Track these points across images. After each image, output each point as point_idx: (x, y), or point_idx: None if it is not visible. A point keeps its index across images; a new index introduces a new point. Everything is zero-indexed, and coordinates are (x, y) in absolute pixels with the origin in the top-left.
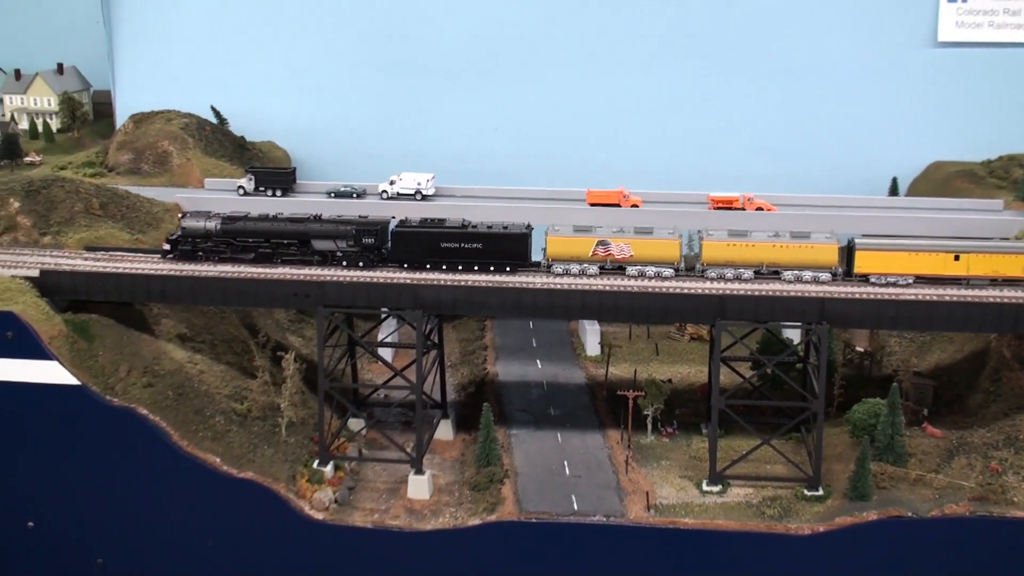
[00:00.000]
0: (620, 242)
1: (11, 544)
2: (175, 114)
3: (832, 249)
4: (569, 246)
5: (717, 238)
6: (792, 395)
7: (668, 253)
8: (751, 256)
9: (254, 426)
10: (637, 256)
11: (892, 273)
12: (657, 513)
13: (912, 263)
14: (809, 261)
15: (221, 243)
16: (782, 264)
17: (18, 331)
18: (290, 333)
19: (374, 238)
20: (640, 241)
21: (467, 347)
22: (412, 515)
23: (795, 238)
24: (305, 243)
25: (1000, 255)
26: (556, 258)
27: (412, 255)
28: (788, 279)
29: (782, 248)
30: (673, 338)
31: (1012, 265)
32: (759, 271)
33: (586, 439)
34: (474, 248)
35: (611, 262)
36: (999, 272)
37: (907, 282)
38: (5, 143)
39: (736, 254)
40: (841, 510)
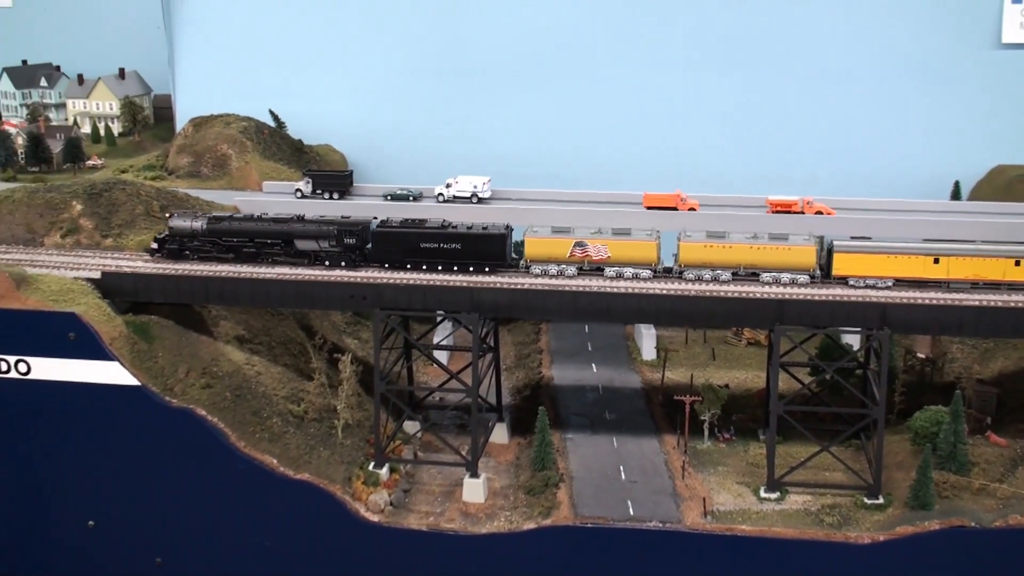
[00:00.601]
0: (597, 243)
1: (72, 543)
2: (234, 118)
3: (810, 251)
4: (547, 247)
5: (695, 239)
6: (851, 401)
7: (645, 255)
8: (729, 257)
9: (310, 428)
10: (614, 257)
11: (871, 276)
12: (714, 520)
13: (891, 266)
14: (787, 263)
15: (207, 242)
16: (760, 266)
17: (80, 332)
18: (346, 335)
19: (355, 238)
20: (617, 242)
21: (522, 350)
22: (467, 518)
23: (773, 240)
24: (288, 243)
25: (980, 258)
26: (534, 259)
27: (393, 255)
28: (767, 280)
29: (760, 250)
30: (730, 343)
31: (992, 268)
32: (737, 273)
33: (642, 444)
34: (453, 248)
35: (589, 263)
36: (979, 275)
37: (886, 285)
38: (68, 147)
39: (714, 255)
40: (902, 519)
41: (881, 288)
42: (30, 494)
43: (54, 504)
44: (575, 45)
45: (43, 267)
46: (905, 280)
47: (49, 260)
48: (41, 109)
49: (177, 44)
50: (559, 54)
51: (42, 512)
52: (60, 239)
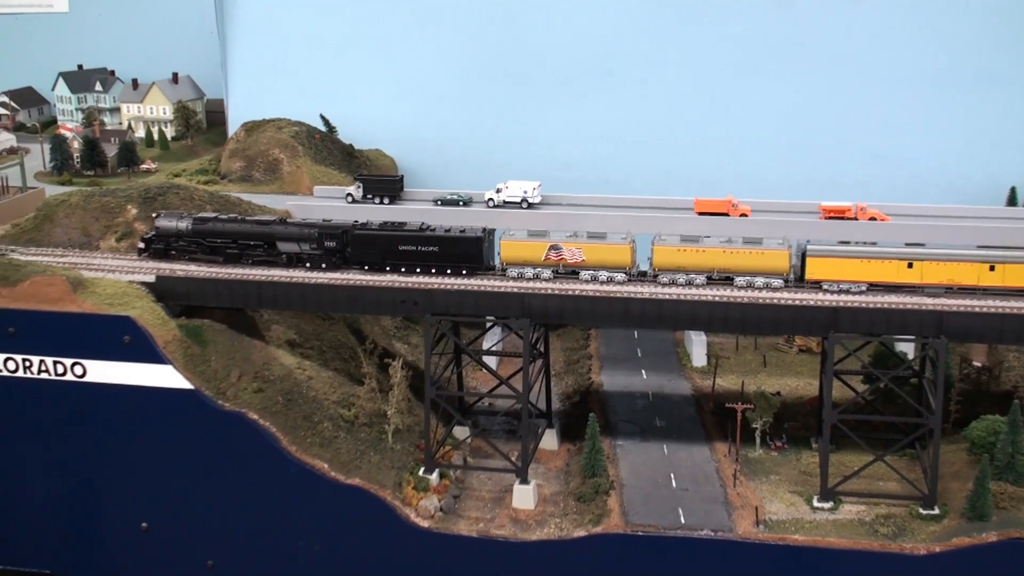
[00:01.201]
0: (572, 247)
1: (126, 544)
2: (286, 122)
3: (783, 255)
4: (522, 250)
5: (669, 243)
6: (906, 410)
7: (620, 258)
8: (702, 262)
9: (361, 432)
10: (589, 261)
11: (845, 280)
12: (767, 529)
13: (865, 270)
14: (760, 267)
15: (192, 243)
16: (733, 270)
17: (135, 335)
18: (396, 340)
19: (336, 241)
20: (592, 246)
21: (572, 356)
22: (517, 525)
23: (747, 244)
24: (271, 245)
25: (953, 263)
26: (510, 262)
27: (371, 257)
28: (740, 285)
29: (733, 254)
30: (781, 350)
31: (966, 273)
32: (711, 277)
33: (692, 451)
34: (430, 251)
35: (563, 266)
36: (953, 280)
37: (860, 289)
38: (122, 151)
39: (687, 259)
40: (958, 530)
41: (855, 293)
42: (84, 496)
43: (108, 506)
44: (626, 49)
45: (99, 271)
46: (879, 284)
47: (105, 264)
48: (96, 113)
49: (230, 49)
50: (610, 58)
51: (96, 514)
52: (115, 243)
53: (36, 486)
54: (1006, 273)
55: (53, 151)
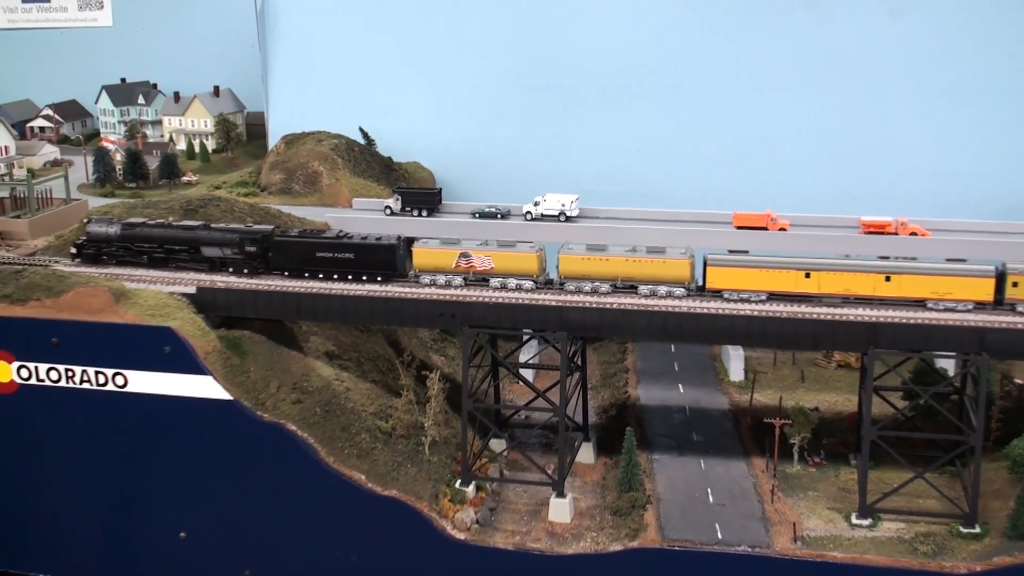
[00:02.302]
0: (481, 254)
1: (164, 554)
2: (325, 135)
3: (684, 264)
4: (434, 258)
5: (575, 252)
6: (946, 427)
7: (527, 266)
8: (606, 270)
9: (398, 444)
10: (498, 268)
11: (745, 289)
12: (804, 545)
13: (764, 280)
14: (663, 276)
15: (121, 247)
16: (637, 278)
17: (175, 346)
18: (433, 352)
19: (256, 246)
20: (501, 254)
21: (608, 370)
22: (553, 538)
23: (650, 253)
24: (195, 249)
25: (850, 273)
26: (422, 269)
27: (290, 263)
28: (644, 293)
29: (636, 263)
30: (819, 365)
31: (862, 283)
32: (615, 285)
33: (730, 466)
34: (346, 258)
35: (473, 274)
36: (850, 290)
37: (760, 299)
38: (164, 163)
39: (592, 268)
40: (1000, 549)
41: (755, 302)
42: (124, 505)
43: (147, 515)
44: (665, 63)
45: (141, 282)
46: (778, 294)
47: (146, 275)
48: (139, 126)
49: (271, 62)
50: (649, 72)
51: (136, 522)
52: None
53: (76, 495)
54: (901, 284)
55: (96, 163)
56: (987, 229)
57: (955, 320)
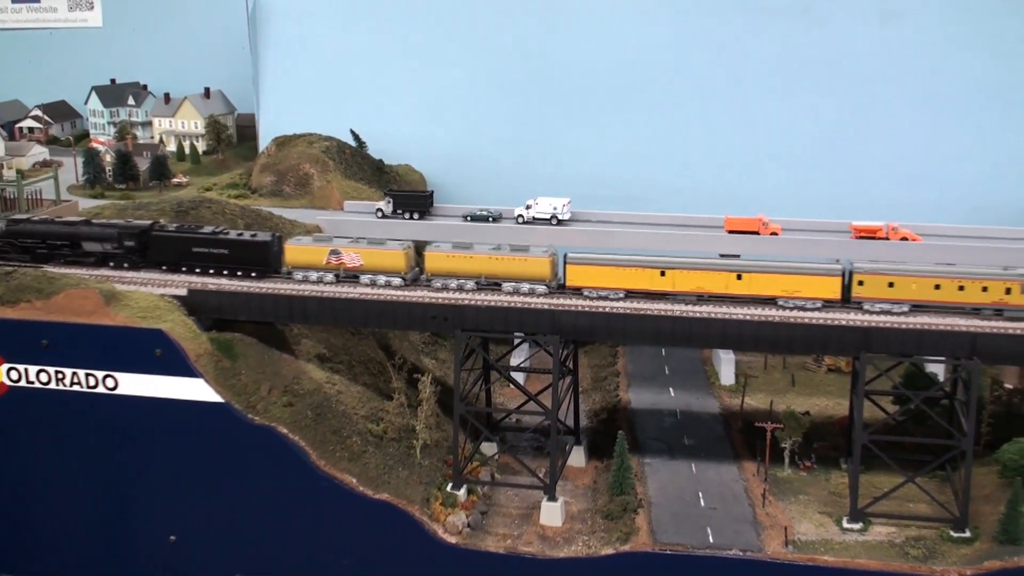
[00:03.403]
0: (351, 252)
1: (154, 557)
2: (316, 137)
3: (545, 263)
4: (305, 255)
5: (440, 250)
6: (936, 431)
7: (395, 263)
8: (471, 267)
9: (389, 447)
10: (367, 265)
11: (603, 287)
12: (796, 549)
13: (621, 278)
14: (525, 274)
15: (5, 243)
16: (500, 276)
17: (167, 348)
18: (424, 355)
19: (135, 241)
20: (370, 251)
21: (599, 373)
22: (545, 542)
23: (514, 251)
24: (77, 245)
25: (703, 271)
26: (295, 266)
27: (168, 258)
28: (508, 291)
29: (500, 260)
30: (810, 369)
31: (715, 281)
32: (479, 282)
33: (721, 470)
34: (222, 254)
35: (344, 270)
36: (703, 288)
37: (619, 296)
38: (154, 165)
39: (457, 265)
40: (990, 553)
41: (615, 299)
42: (115, 508)
43: (137, 518)
44: (657, 67)
45: (132, 284)
46: (636, 292)
47: (137, 277)
48: (129, 127)
49: (262, 64)
50: (641, 76)
51: (125, 525)
52: None
53: (66, 498)
54: (752, 282)
55: (86, 164)
56: (978, 234)
57: (947, 325)
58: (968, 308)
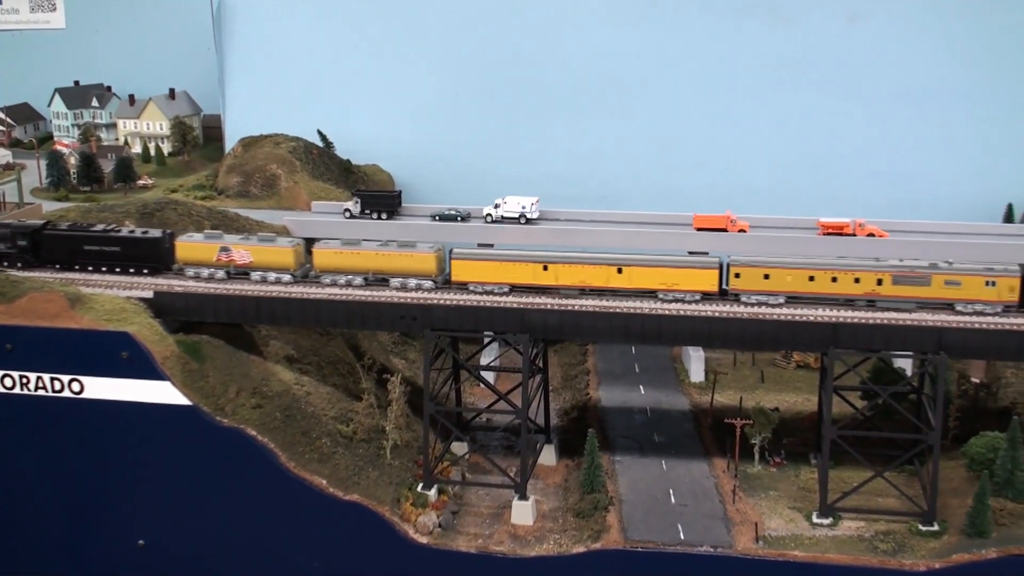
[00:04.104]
0: (241, 249)
1: (122, 562)
2: (283, 138)
3: (430, 258)
4: (196, 251)
5: (330, 246)
6: (904, 426)
7: (284, 260)
8: (358, 263)
9: (359, 448)
10: (256, 262)
11: (488, 282)
12: (766, 545)
13: (505, 272)
14: (410, 269)
15: None
16: (388, 271)
17: (133, 351)
18: (394, 355)
19: (27, 240)
20: (259, 248)
21: (569, 372)
22: (516, 541)
23: (401, 247)
24: None
25: (584, 265)
26: (186, 262)
27: (60, 256)
28: (395, 286)
29: (385, 256)
30: (779, 365)
31: (596, 275)
32: (367, 278)
33: (691, 467)
34: (114, 251)
35: (234, 267)
36: (585, 282)
37: (504, 291)
38: (119, 166)
39: (345, 261)
40: (958, 547)
41: (497, 294)
42: (82, 513)
43: (105, 523)
44: (625, 66)
45: (97, 286)
46: (520, 286)
47: (102, 280)
48: (93, 129)
49: (227, 65)
50: (609, 75)
51: (94, 530)
52: None
53: (33, 503)
54: (632, 275)
55: (50, 167)
56: (943, 230)
57: (914, 320)
58: (842, 299)
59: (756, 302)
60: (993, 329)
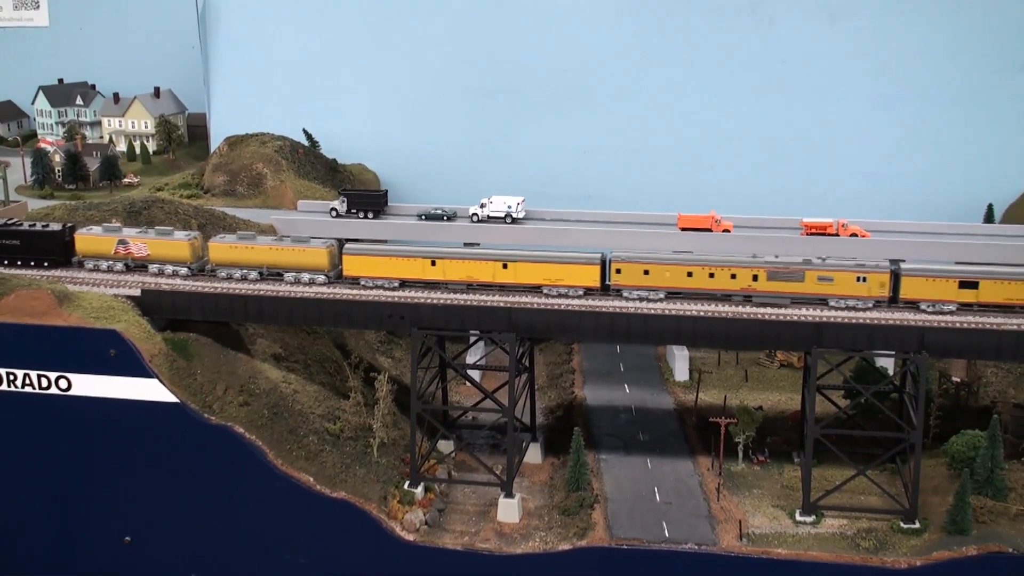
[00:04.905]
0: (139, 242)
1: (108, 559)
2: (269, 137)
3: (323, 253)
4: (95, 244)
5: (225, 241)
6: (887, 425)
7: (181, 253)
8: (253, 258)
9: (346, 446)
10: (154, 255)
11: (378, 277)
12: (750, 542)
13: (395, 267)
14: (304, 264)
15: None
16: (281, 266)
17: (121, 349)
18: (380, 354)
19: None
20: (157, 242)
21: (555, 370)
22: (502, 538)
23: (295, 242)
24: None
25: (471, 261)
26: (85, 254)
27: None
28: (290, 280)
29: (279, 251)
30: (762, 364)
31: (482, 270)
32: (262, 273)
33: (676, 465)
34: (13, 244)
35: (132, 260)
36: (472, 277)
37: (393, 285)
38: (104, 165)
39: (239, 256)
40: (939, 544)
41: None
42: (68, 509)
43: (91, 520)
44: (608, 67)
45: (84, 284)
46: (409, 281)
47: (90, 277)
48: (78, 127)
49: (212, 64)
50: (594, 75)
51: (80, 527)
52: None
53: (20, 500)
54: (517, 271)
55: (35, 165)
56: (925, 230)
57: (896, 320)
58: (719, 295)
59: (637, 297)
60: (973, 329)
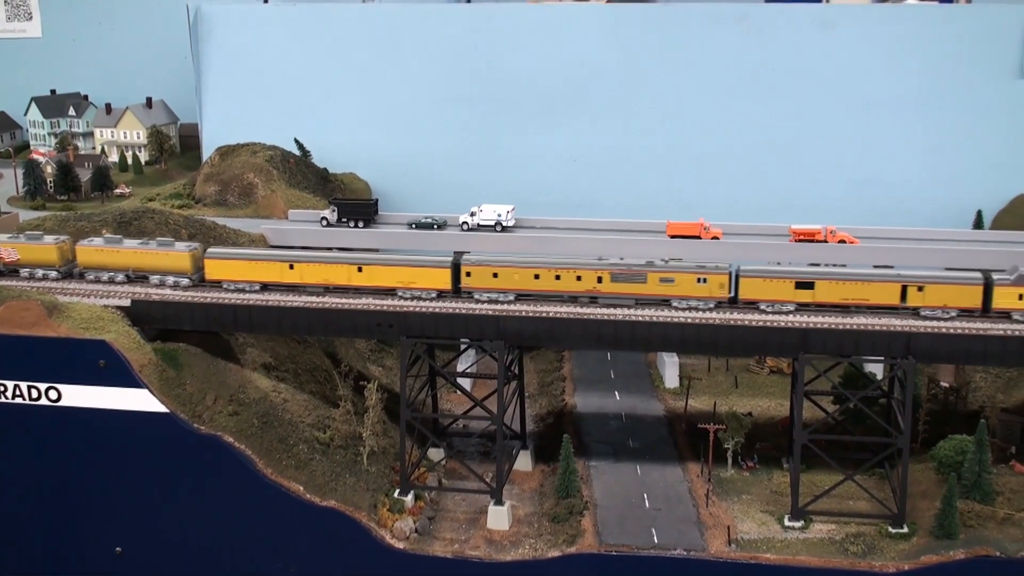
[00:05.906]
0: (8, 247)
1: (99, 569)
2: (260, 147)
3: (185, 257)
4: None
5: (93, 244)
6: (875, 430)
7: (48, 257)
8: (119, 261)
9: (336, 455)
10: (23, 259)
11: (239, 280)
12: (739, 548)
13: (255, 271)
14: (168, 267)
15: None
16: (147, 269)
17: (110, 359)
18: (370, 363)
19: None
20: (25, 246)
21: (545, 378)
22: (492, 546)
23: (159, 246)
24: None
25: (328, 264)
26: None
27: None
28: (155, 282)
29: (145, 254)
30: (752, 371)
31: (337, 274)
32: (129, 275)
33: (665, 472)
34: None
35: (3, 264)
36: (329, 280)
37: (255, 289)
38: (96, 175)
39: (106, 259)
40: (927, 548)
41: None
42: (59, 520)
43: (82, 530)
44: (599, 75)
45: (74, 295)
46: (271, 284)
47: (80, 288)
48: (70, 138)
49: (204, 74)
50: (583, 84)
51: (71, 538)
52: None
53: (10, 511)
54: (372, 274)
55: (26, 176)
56: (914, 236)
57: (883, 325)
58: (567, 296)
59: (487, 299)
60: (960, 334)
